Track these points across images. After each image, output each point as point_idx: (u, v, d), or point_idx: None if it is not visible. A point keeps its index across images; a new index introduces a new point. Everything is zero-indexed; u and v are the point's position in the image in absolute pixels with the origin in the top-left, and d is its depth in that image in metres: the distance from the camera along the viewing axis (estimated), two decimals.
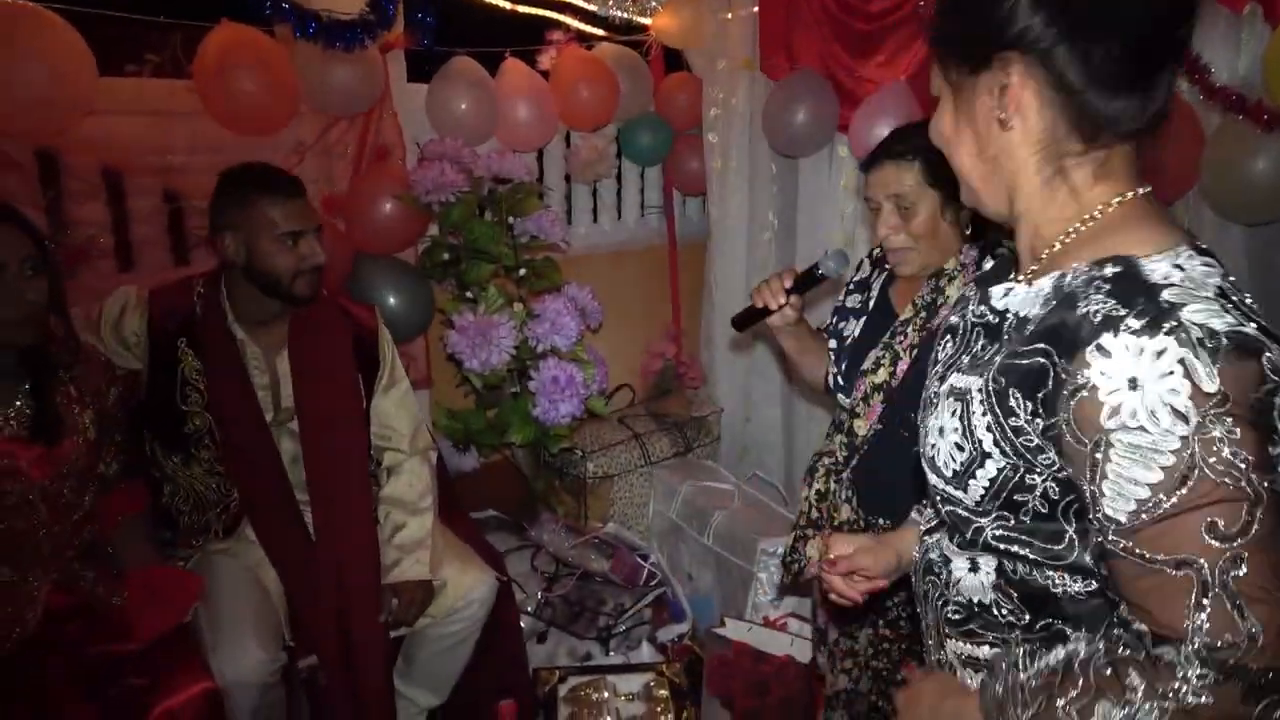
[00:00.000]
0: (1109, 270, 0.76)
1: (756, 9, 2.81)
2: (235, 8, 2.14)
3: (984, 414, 0.81)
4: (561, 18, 2.77)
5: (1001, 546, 0.86)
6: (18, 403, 1.60)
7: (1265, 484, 0.70)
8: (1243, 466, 0.69)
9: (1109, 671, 0.76)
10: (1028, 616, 0.86)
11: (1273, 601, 0.70)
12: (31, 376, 1.62)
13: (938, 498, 0.91)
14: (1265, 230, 2.23)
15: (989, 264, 1.21)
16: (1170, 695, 0.71)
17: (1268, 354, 0.70)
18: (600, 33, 2.87)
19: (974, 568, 0.89)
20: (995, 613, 0.88)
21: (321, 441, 1.88)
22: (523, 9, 2.68)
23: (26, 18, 1.84)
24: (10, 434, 1.57)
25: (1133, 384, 0.71)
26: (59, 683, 1.53)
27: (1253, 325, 0.72)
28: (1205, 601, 0.71)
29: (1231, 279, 0.77)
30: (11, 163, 1.97)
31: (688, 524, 2.70)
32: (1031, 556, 0.84)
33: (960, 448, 0.84)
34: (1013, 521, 0.84)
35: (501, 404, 2.54)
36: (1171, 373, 0.69)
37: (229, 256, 1.77)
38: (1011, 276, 0.88)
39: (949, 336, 0.94)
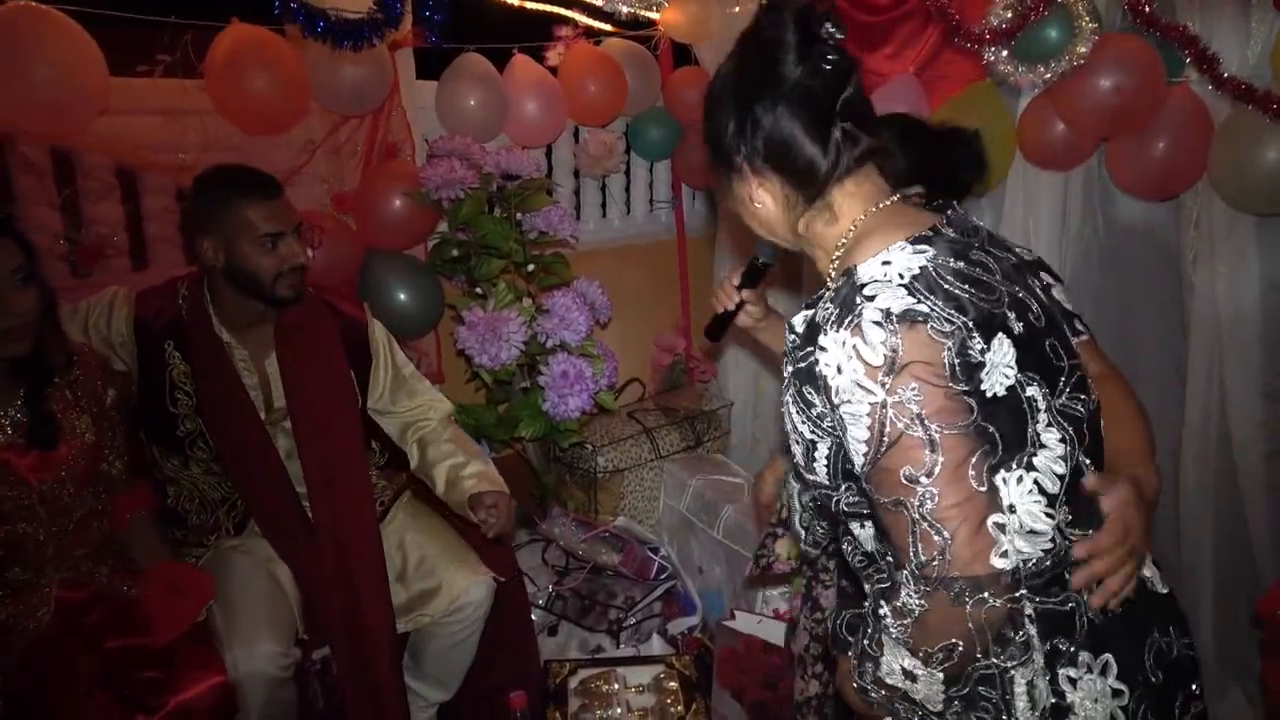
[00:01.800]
0: (841, 281, 0.97)
1: (765, 2, 2.80)
2: (245, 8, 2.16)
3: (798, 413, 1.02)
4: (569, 13, 2.78)
5: (849, 511, 1.05)
6: (12, 410, 1.61)
7: (943, 429, 0.89)
8: (922, 416, 0.88)
9: (872, 605, 0.98)
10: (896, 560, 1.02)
11: (961, 519, 0.89)
12: (26, 384, 1.62)
13: (809, 489, 1.11)
14: (1277, 221, 2.22)
15: None
16: (901, 609, 0.92)
17: (931, 322, 0.89)
18: (608, 28, 2.88)
19: (862, 524, 1.08)
20: (879, 559, 1.08)
21: (317, 440, 1.88)
22: (531, 5, 2.69)
23: (38, 19, 1.87)
24: (5, 441, 1.59)
25: (838, 369, 0.92)
26: (78, 675, 1.55)
27: (929, 299, 0.91)
28: (915, 531, 0.90)
29: (966, 248, 0.98)
30: (27, 162, 2.00)
31: (698, 518, 2.72)
32: (869, 515, 1.04)
33: (798, 443, 1.05)
34: (855, 489, 1.03)
35: (512, 399, 2.56)
36: (850, 357, 0.91)
37: (208, 260, 1.76)
38: (803, 304, 1.08)
39: (785, 360, 1.08)
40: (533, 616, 2.29)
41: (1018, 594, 0.91)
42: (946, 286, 0.93)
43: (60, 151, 2.05)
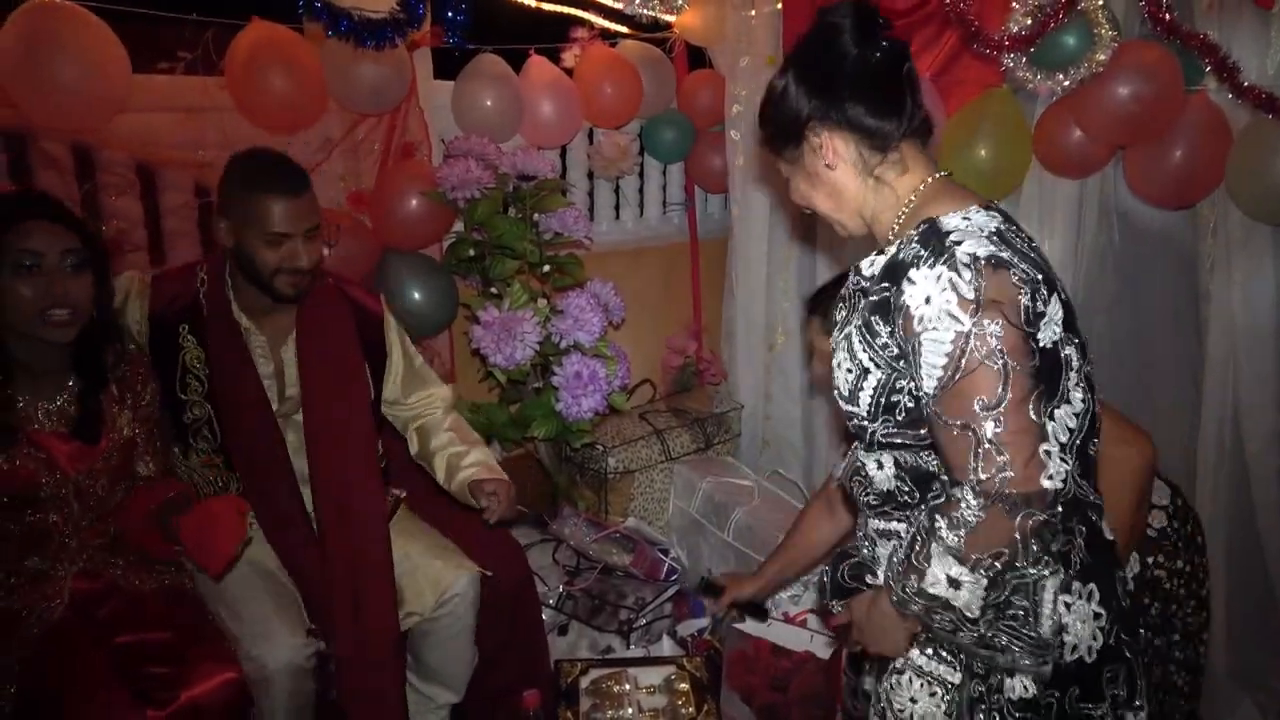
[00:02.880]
0: (921, 228, 1.12)
1: (780, 6, 2.80)
2: (266, 6, 2.17)
3: (860, 340, 1.16)
4: (586, 15, 2.79)
5: (887, 441, 1.19)
6: (60, 399, 1.62)
7: (1015, 365, 1.02)
8: (1000, 350, 1.02)
9: (926, 521, 1.10)
10: (918, 494, 1.20)
11: (1020, 445, 1.02)
12: (80, 376, 1.63)
13: (846, 418, 1.23)
14: None
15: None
16: (958, 520, 1.04)
17: (1013, 269, 1.05)
18: (624, 30, 2.88)
19: (880, 466, 1.23)
20: (898, 497, 1.22)
21: (328, 431, 1.87)
22: (548, 6, 2.70)
23: (64, 16, 1.88)
24: (50, 429, 1.60)
25: (927, 300, 1.06)
26: (90, 668, 1.55)
27: (1008, 251, 1.07)
28: (979, 451, 1.03)
29: (1015, 225, 1.13)
30: (48, 158, 2.01)
31: (708, 520, 2.72)
32: (908, 444, 1.17)
33: (850, 371, 1.18)
34: (892, 421, 1.16)
35: (525, 399, 2.57)
36: (945, 289, 1.04)
37: (221, 239, 1.77)
38: (868, 256, 1.21)
39: (842, 304, 1.27)
40: (543, 616, 2.29)
41: (1058, 510, 1.05)
42: (1018, 246, 1.09)
43: (80, 147, 2.07)
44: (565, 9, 2.74)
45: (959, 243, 1.07)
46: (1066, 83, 2.18)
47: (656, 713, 1.96)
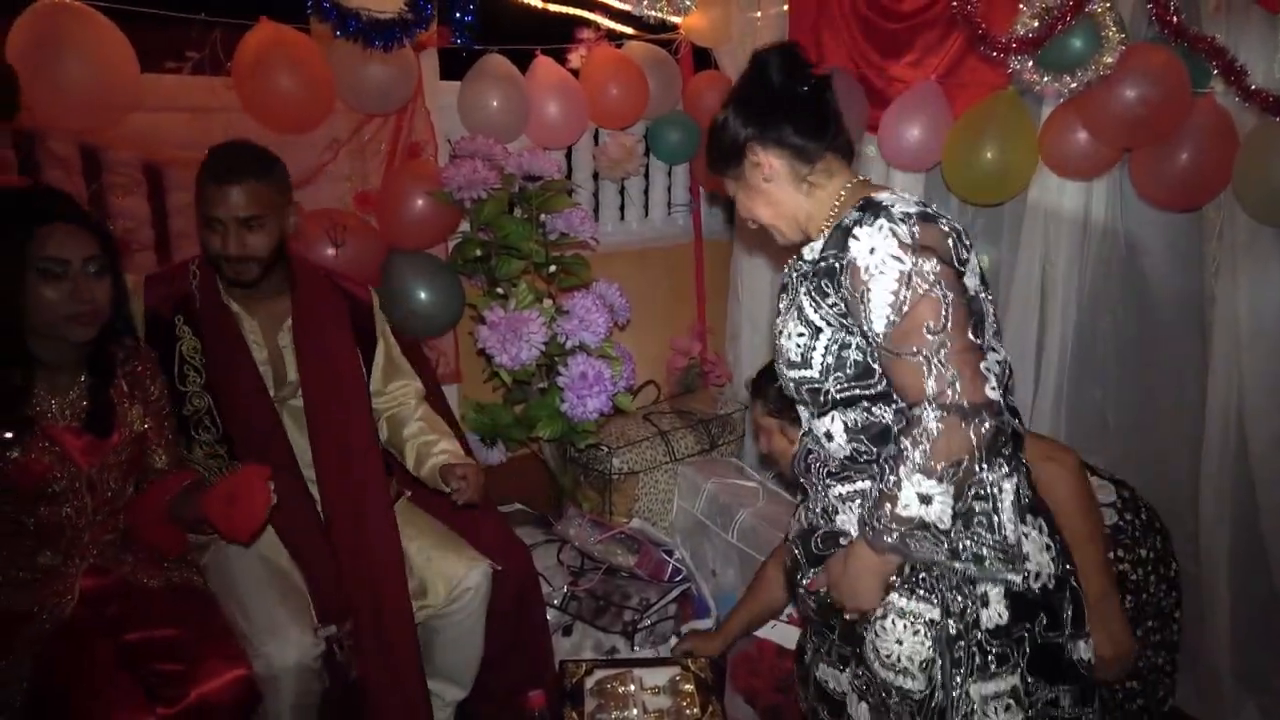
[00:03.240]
0: (859, 204, 1.28)
1: (786, 8, 2.81)
2: (274, 6, 2.17)
3: (812, 306, 1.30)
4: (592, 16, 2.79)
5: (841, 398, 1.31)
6: (73, 394, 1.64)
7: (953, 296, 1.20)
8: (941, 284, 1.19)
9: (893, 449, 1.26)
10: (875, 449, 1.32)
11: (965, 362, 1.19)
12: (91, 370, 1.66)
13: (794, 386, 1.37)
14: None
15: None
16: (920, 435, 1.18)
17: (943, 220, 1.25)
18: (630, 31, 2.89)
19: (829, 437, 1.35)
20: (857, 458, 1.34)
21: (328, 414, 1.90)
22: (554, 7, 2.70)
23: (74, 16, 1.89)
24: (64, 424, 1.62)
25: (871, 251, 1.22)
26: (100, 664, 1.55)
27: (931, 211, 1.26)
28: (931, 371, 1.19)
29: (934, 208, 1.29)
30: (56, 157, 2.02)
31: (712, 521, 2.72)
32: (859, 396, 1.30)
33: (801, 335, 1.32)
34: (844, 376, 1.30)
35: (530, 399, 2.57)
36: (886, 238, 1.21)
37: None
38: (806, 245, 1.39)
39: (783, 293, 1.42)
40: (548, 617, 2.29)
41: (1003, 417, 1.20)
42: (940, 212, 1.29)
43: (88, 146, 2.07)
44: (571, 10, 2.75)
45: (892, 205, 1.24)
46: (1074, 85, 2.18)
47: (661, 714, 1.96)
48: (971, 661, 1.28)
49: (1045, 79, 2.20)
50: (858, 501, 1.35)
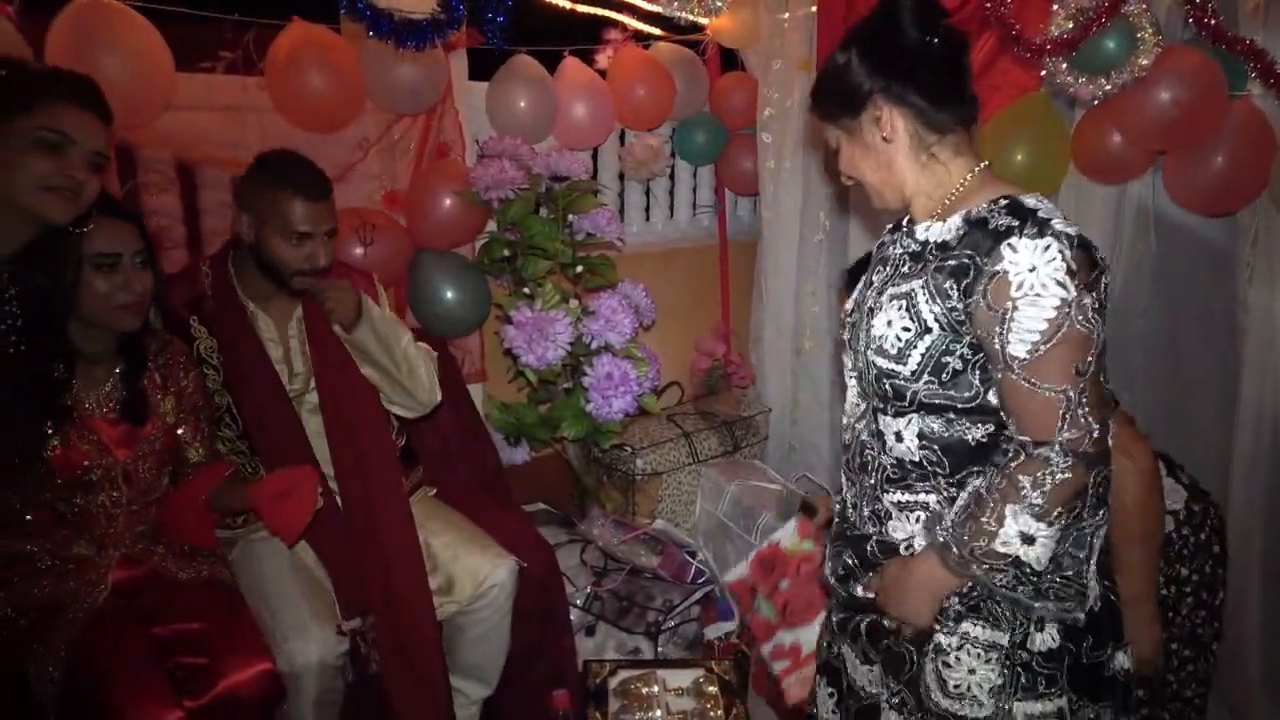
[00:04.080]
0: (1003, 203, 1.19)
1: (814, 9, 2.80)
2: (306, 6, 2.19)
3: (927, 301, 1.20)
4: (620, 17, 2.79)
5: (926, 402, 1.23)
6: (108, 386, 1.68)
7: (1100, 335, 1.13)
8: (1094, 320, 1.12)
9: (1005, 484, 1.17)
10: (948, 464, 1.25)
11: (1097, 407, 1.14)
12: (125, 361, 1.70)
13: (878, 377, 1.27)
14: None
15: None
16: (1047, 478, 1.14)
17: (1094, 249, 1.14)
18: (657, 32, 2.88)
19: (899, 438, 1.27)
20: (924, 466, 1.26)
21: (341, 405, 1.92)
22: (582, 8, 2.70)
23: (111, 15, 1.91)
24: (101, 414, 1.65)
25: (1031, 269, 1.11)
26: (132, 655, 1.57)
27: (1086, 235, 1.15)
28: (1070, 414, 1.13)
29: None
30: None
31: (735, 523, 2.71)
32: (944, 405, 1.22)
33: (906, 329, 1.22)
34: (936, 382, 1.21)
35: (554, 399, 2.57)
36: (1053, 261, 1.11)
37: (241, 231, 1.84)
38: (921, 222, 1.29)
39: (881, 265, 1.34)
40: (571, 617, 2.29)
41: (1112, 466, 1.19)
42: (1093, 244, 1.17)
43: (123, 145, 2.09)
44: (599, 11, 2.75)
45: (1051, 219, 1.14)
46: (1108, 87, 2.15)
47: (685, 715, 1.96)
48: (1017, 681, 1.24)
49: (1079, 81, 2.18)
50: (917, 514, 1.28)
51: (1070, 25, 2.12)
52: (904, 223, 1.35)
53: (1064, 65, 2.17)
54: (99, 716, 1.49)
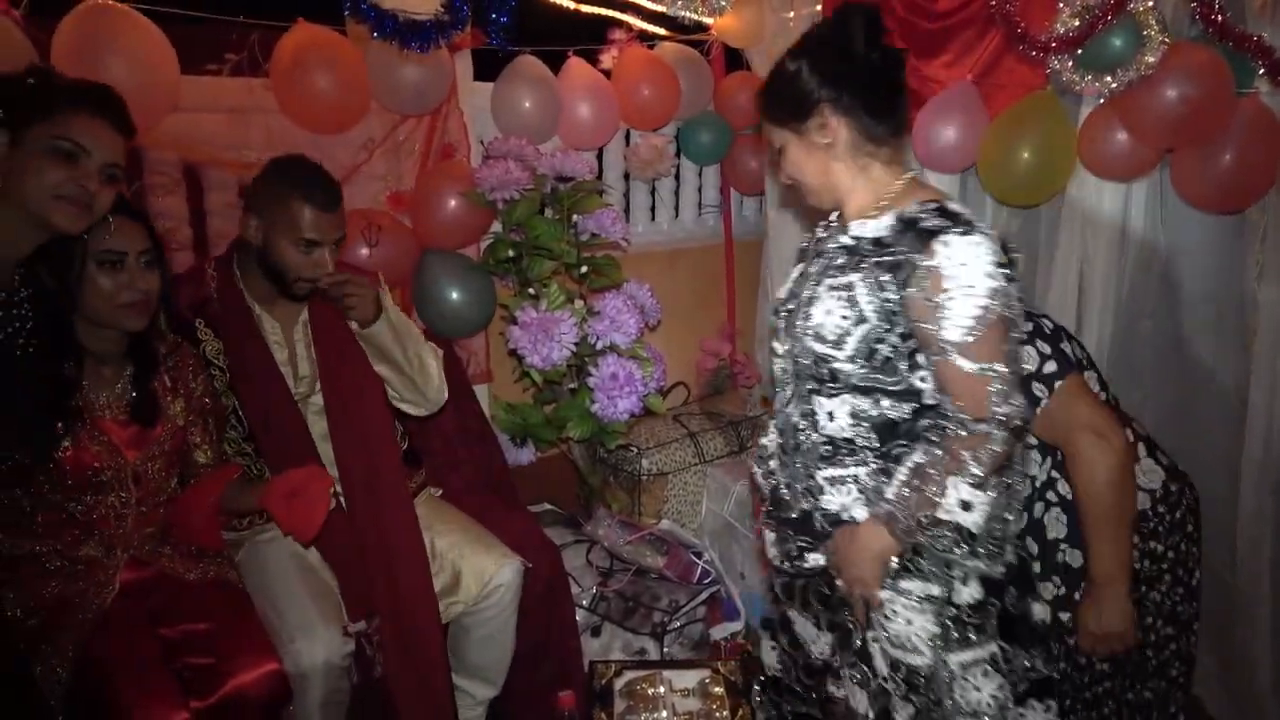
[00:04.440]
0: (932, 206, 1.33)
1: (819, 8, 2.79)
2: (311, 8, 2.19)
3: (866, 293, 1.33)
4: (625, 17, 2.79)
5: (860, 384, 1.36)
6: (118, 387, 1.69)
7: (1018, 316, 1.29)
8: (1013, 304, 1.27)
9: (947, 458, 1.30)
10: (877, 441, 1.38)
11: (1018, 380, 1.30)
12: (135, 363, 1.70)
13: (816, 361, 1.39)
14: None
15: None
16: (985, 453, 1.28)
17: (1000, 242, 1.31)
18: (662, 32, 2.88)
19: (831, 417, 1.40)
20: (854, 442, 1.39)
21: (346, 405, 1.92)
22: (586, 8, 2.70)
23: (117, 18, 1.91)
24: (111, 416, 1.66)
25: (963, 263, 1.25)
26: (140, 656, 1.58)
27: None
28: (1000, 390, 1.27)
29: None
30: None
31: (741, 523, 2.71)
32: (875, 387, 1.35)
33: (845, 317, 1.34)
34: (868, 366, 1.35)
35: (560, 399, 2.57)
36: (981, 256, 1.26)
37: (249, 235, 1.83)
38: (854, 220, 1.41)
39: (816, 258, 1.46)
40: (576, 617, 2.29)
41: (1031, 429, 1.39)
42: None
43: (130, 147, 2.10)
44: (604, 11, 2.75)
45: (973, 221, 1.29)
46: (1115, 85, 2.14)
47: (691, 716, 1.96)
48: (949, 634, 1.37)
49: (1085, 79, 2.17)
50: (849, 486, 1.40)
51: (1076, 22, 2.11)
52: (834, 219, 1.48)
53: (1070, 63, 2.16)
54: (106, 716, 1.49)
